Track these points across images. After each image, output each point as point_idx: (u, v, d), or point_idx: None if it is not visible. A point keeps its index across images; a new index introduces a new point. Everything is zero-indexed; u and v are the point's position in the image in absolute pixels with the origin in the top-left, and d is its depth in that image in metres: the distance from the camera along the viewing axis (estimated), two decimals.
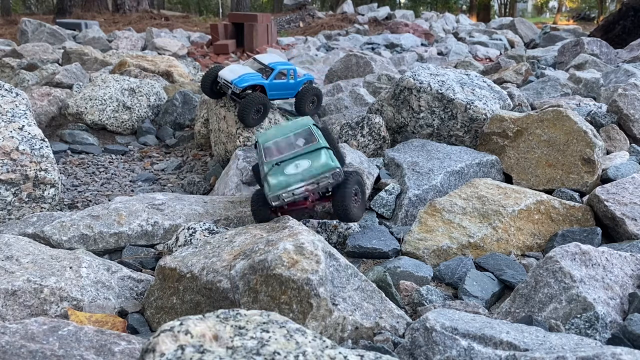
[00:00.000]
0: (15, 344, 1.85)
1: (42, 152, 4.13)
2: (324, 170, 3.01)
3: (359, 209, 3.25)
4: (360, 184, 3.29)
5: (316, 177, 3.01)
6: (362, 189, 3.34)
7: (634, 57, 9.34)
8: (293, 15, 26.05)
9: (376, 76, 7.60)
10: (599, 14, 35.46)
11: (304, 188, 3.03)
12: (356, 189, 3.24)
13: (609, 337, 2.17)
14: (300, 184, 3.03)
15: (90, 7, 25.78)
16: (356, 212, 3.20)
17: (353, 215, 3.18)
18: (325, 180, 3.03)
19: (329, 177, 3.02)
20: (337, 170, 3.02)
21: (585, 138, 4.01)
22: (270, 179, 3.16)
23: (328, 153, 3.13)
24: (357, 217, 3.25)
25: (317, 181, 3.02)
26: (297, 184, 3.03)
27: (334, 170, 3.01)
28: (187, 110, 7.16)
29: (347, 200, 3.10)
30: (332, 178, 3.03)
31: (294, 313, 2.26)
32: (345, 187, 3.12)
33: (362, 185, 3.34)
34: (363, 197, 3.36)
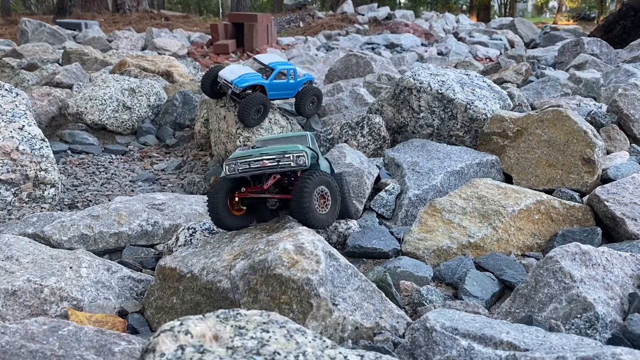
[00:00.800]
0: (15, 344, 1.85)
1: (42, 152, 4.13)
2: (288, 150, 2.81)
3: (324, 213, 2.88)
4: (330, 186, 2.94)
5: (278, 154, 2.80)
6: (335, 195, 2.98)
7: (634, 57, 9.34)
8: (293, 15, 26.06)
9: (376, 76, 7.60)
10: (599, 14, 35.48)
11: (262, 162, 2.82)
12: (322, 190, 2.89)
13: (609, 337, 2.17)
14: (259, 157, 2.83)
15: (90, 7, 25.79)
16: (317, 215, 2.82)
17: (310, 218, 2.78)
18: (286, 160, 2.79)
19: (290, 157, 2.78)
20: (302, 153, 2.78)
21: (585, 138, 4.01)
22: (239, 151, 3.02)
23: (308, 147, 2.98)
24: (318, 222, 2.85)
25: (277, 159, 2.80)
26: (256, 156, 2.83)
27: (298, 153, 2.78)
28: (187, 110, 7.16)
29: (303, 198, 2.75)
30: (294, 161, 2.79)
31: (294, 313, 2.26)
32: (304, 183, 2.78)
33: (334, 190, 2.97)
34: (334, 204, 2.97)
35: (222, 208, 2.95)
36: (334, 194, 2.97)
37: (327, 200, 2.93)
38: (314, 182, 2.80)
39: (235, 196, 3.00)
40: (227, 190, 2.97)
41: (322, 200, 2.90)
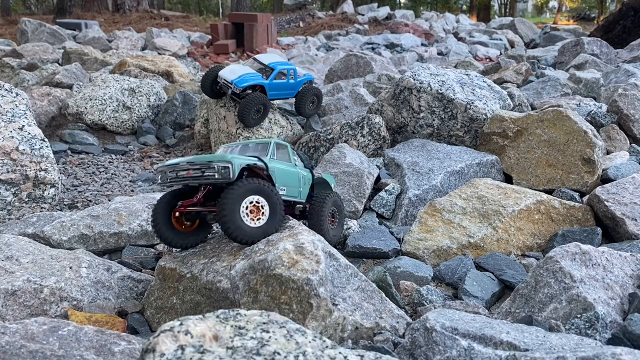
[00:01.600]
0: (15, 344, 1.85)
1: (42, 152, 4.13)
2: (213, 159, 2.60)
3: (256, 227, 2.64)
4: (267, 195, 2.68)
5: (203, 164, 2.60)
6: (274, 204, 2.71)
7: (634, 57, 9.34)
8: (293, 15, 26.06)
9: (376, 76, 7.60)
10: (599, 14, 35.48)
11: (187, 172, 2.64)
12: (254, 200, 2.64)
13: (609, 337, 2.17)
14: (186, 165, 2.65)
15: (90, 7, 25.79)
16: (246, 229, 2.60)
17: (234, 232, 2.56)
18: (210, 171, 2.58)
19: (214, 168, 2.57)
20: (227, 164, 2.56)
21: (585, 138, 4.01)
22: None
23: (249, 158, 2.73)
24: (246, 236, 2.60)
25: (202, 169, 2.60)
26: (183, 164, 2.66)
27: (224, 163, 2.57)
28: (187, 110, 7.16)
29: (223, 212, 2.51)
30: (218, 172, 2.56)
31: (294, 313, 2.26)
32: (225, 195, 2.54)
33: (273, 199, 2.70)
34: (274, 214, 2.70)
35: (163, 225, 2.77)
36: (273, 204, 2.67)
37: (261, 210, 2.64)
38: (238, 193, 2.54)
39: (175, 211, 2.81)
40: (164, 206, 2.79)
41: (255, 211, 2.61)
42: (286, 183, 2.95)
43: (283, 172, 2.92)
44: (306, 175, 3.15)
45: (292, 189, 2.99)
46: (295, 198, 3.03)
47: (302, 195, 3.10)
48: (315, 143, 5.06)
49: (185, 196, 2.85)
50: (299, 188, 3.05)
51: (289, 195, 2.97)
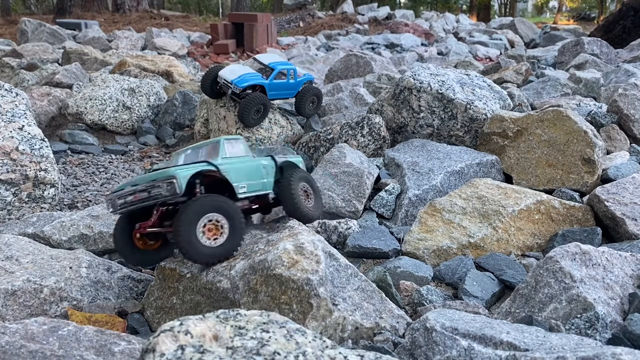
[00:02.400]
0: (15, 344, 1.85)
1: (42, 152, 4.13)
2: (157, 177, 2.44)
3: (215, 246, 2.50)
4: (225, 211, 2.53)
5: (148, 184, 2.45)
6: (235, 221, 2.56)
7: (634, 57, 9.34)
8: (293, 15, 26.06)
9: (376, 76, 7.60)
10: (599, 13, 35.46)
11: (134, 196, 2.50)
12: (212, 218, 2.48)
13: (609, 337, 2.17)
14: (131, 189, 2.51)
15: (90, 7, 25.78)
16: (201, 249, 2.44)
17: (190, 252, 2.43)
18: (156, 190, 2.43)
19: (160, 186, 2.42)
20: (171, 179, 2.40)
21: (585, 138, 4.01)
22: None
23: (197, 165, 2.57)
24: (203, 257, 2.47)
25: (148, 189, 2.45)
26: (128, 188, 2.52)
27: (168, 179, 2.40)
28: (187, 110, 7.16)
29: (178, 231, 2.38)
30: (164, 189, 2.41)
31: (294, 313, 2.26)
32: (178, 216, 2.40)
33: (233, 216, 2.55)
34: (234, 231, 2.56)
35: (125, 247, 2.72)
36: (233, 221, 2.52)
37: (220, 230, 2.50)
38: (193, 212, 2.40)
39: (135, 233, 2.72)
40: (121, 231, 2.72)
41: (213, 230, 2.48)
42: (246, 179, 2.78)
43: (239, 169, 2.75)
44: (268, 164, 2.97)
45: (254, 183, 2.83)
46: (260, 191, 2.86)
47: (268, 185, 2.92)
48: (315, 143, 5.06)
49: (142, 217, 2.71)
50: (261, 180, 2.87)
51: (253, 191, 2.81)
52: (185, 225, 2.37)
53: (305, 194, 3.04)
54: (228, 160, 2.76)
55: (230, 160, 2.77)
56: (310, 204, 3.03)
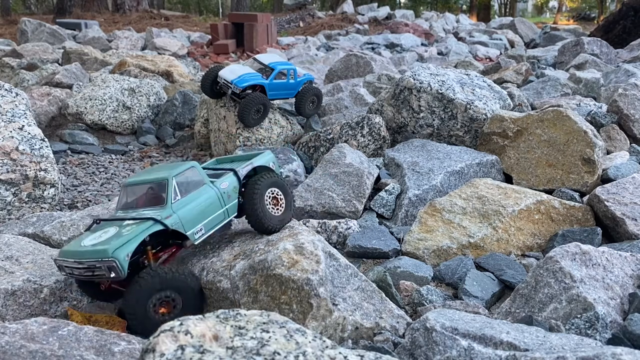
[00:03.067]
0: (15, 344, 1.85)
1: (42, 152, 4.13)
2: (97, 256, 2.25)
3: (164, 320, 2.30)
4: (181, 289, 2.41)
5: (91, 263, 2.28)
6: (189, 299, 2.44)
7: (634, 57, 9.34)
8: (293, 15, 26.06)
9: (376, 76, 7.60)
10: (599, 13, 35.48)
11: (78, 272, 2.34)
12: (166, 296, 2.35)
13: (609, 337, 2.17)
14: (72, 261, 2.34)
15: (90, 7, 25.79)
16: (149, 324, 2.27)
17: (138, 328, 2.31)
18: (99, 271, 2.27)
19: (102, 268, 2.26)
20: (110, 262, 2.22)
21: (585, 138, 4.01)
22: (68, 242, 2.44)
23: (140, 229, 2.34)
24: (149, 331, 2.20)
25: (92, 269, 2.29)
26: (71, 259, 2.34)
27: (108, 262, 2.22)
28: (187, 110, 7.16)
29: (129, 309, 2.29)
30: (107, 271, 2.26)
31: (294, 313, 2.26)
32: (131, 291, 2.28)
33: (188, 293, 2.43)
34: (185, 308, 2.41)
35: (94, 295, 2.65)
36: (187, 297, 2.41)
37: (172, 304, 2.39)
38: (143, 292, 2.29)
39: (104, 287, 2.62)
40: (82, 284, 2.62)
41: (166, 306, 2.37)
42: (202, 219, 2.56)
43: (191, 212, 2.52)
44: (229, 185, 2.73)
45: (212, 219, 2.63)
46: (222, 222, 2.69)
47: (231, 210, 2.74)
48: (315, 143, 5.06)
49: None
50: (221, 209, 2.67)
51: (213, 227, 2.64)
52: (135, 306, 2.27)
53: (275, 200, 2.83)
54: (178, 205, 2.50)
55: (181, 204, 2.51)
56: (279, 211, 2.82)
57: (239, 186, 2.78)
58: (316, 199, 3.84)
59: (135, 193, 2.61)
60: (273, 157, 3.03)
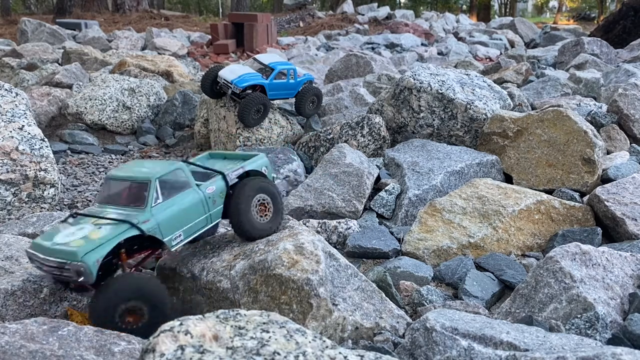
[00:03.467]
0: (15, 344, 1.85)
1: (42, 152, 4.13)
2: (66, 257, 2.17)
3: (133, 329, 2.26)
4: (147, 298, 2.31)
5: (60, 263, 2.19)
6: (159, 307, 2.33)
7: (634, 57, 9.33)
8: (293, 15, 26.05)
9: (376, 76, 7.60)
10: (599, 13, 35.46)
11: (47, 267, 2.27)
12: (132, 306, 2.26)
13: (610, 337, 2.17)
14: (42, 258, 2.26)
15: (90, 7, 25.77)
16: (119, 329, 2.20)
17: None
18: (67, 272, 2.20)
19: (70, 270, 2.18)
20: (79, 266, 2.14)
21: (585, 138, 4.01)
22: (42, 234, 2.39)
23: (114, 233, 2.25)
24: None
25: (60, 268, 2.21)
26: (42, 254, 2.26)
27: (76, 265, 2.14)
28: (187, 110, 7.16)
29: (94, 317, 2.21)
30: (75, 274, 2.17)
31: (294, 313, 2.26)
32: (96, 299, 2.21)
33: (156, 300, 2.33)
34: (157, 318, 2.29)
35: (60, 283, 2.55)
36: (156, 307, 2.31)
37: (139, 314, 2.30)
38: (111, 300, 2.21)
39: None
40: None
41: (134, 315, 2.29)
42: (181, 225, 2.45)
43: (171, 217, 2.41)
44: (215, 190, 2.61)
45: (193, 224, 2.51)
46: (204, 227, 2.58)
47: (215, 215, 2.62)
48: (315, 143, 5.06)
49: None
50: (204, 214, 2.56)
51: (193, 232, 2.53)
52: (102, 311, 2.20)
53: (262, 206, 2.71)
54: (158, 209, 2.38)
55: (160, 208, 2.39)
56: (265, 218, 2.71)
57: (227, 191, 2.65)
58: (316, 199, 3.84)
59: (117, 188, 2.48)
60: (267, 161, 2.90)
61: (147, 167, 2.52)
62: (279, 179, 4.41)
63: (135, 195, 2.41)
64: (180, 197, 2.47)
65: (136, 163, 2.64)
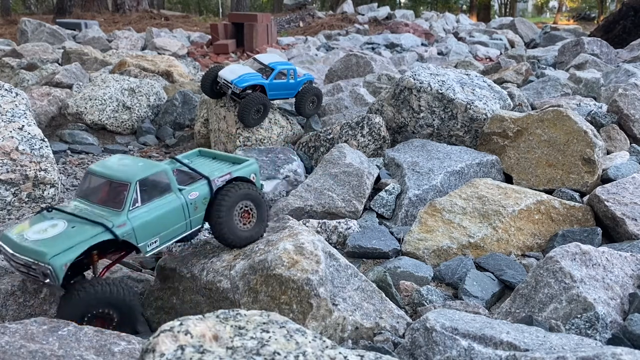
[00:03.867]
0: (15, 344, 1.85)
1: (42, 152, 4.13)
2: (34, 257, 2.11)
3: None
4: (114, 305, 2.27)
5: (28, 261, 2.13)
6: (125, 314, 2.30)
7: (634, 57, 9.34)
8: (293, 15, 26.04)
9: (376, 76, 7.60)
10: (599, 13, 35.47)
11: (14, 262, 2.22)
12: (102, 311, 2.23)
13: (609, 337, 2.17)
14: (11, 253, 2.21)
15: (90, 7, 25.78)
16: None
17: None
18: (34, 272, 2.14)
19: (37, 270, 2.12)
20: (46, 268, 2.07)
21: (585, 138, 4.01)
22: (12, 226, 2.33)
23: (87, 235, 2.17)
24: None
25: (28, 266, 2.15)
26: (10, 250, 2.21)
27: (43, 267, 2.08)
28: (187, 110, 7.16)
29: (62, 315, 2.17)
30: (41, 275, 2.12)
31: (294, 313, 2.26)
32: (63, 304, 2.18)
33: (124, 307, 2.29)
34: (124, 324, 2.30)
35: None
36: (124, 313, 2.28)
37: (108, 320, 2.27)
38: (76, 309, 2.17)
39: None
40: None
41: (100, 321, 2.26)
42: (158, 231, 2.36)
43: (148, 223, 2.32)
44: (199, 196, 2.51)
45: (171, 230, 2.43)
46: (182, 234, 2.50)
47: (194, 222, 2.54)
48: (315, 143, 5.05)
49: None
50: (183, 220, 2.47)
51: (169, 239, 2.45)
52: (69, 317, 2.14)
53: (245, 213, 2.65)
54: (136, 213, 2.29)
55: (138, 212, 2.30)
56: (249, 225, 2.66)
57: (210, 197, 2.56)
58: (316, 199, 3.84)
59: (97, 183, 2.39)
60: (256, 167, 2.81)
61: (129, 167, 2.42)
62: (278, 179, 4.41)
63: (113, 195, 2.31)
64: (160, 201, 2.38)
65: (120, 159, 2.53)
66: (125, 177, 2.32)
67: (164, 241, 2.43)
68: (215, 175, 2.60)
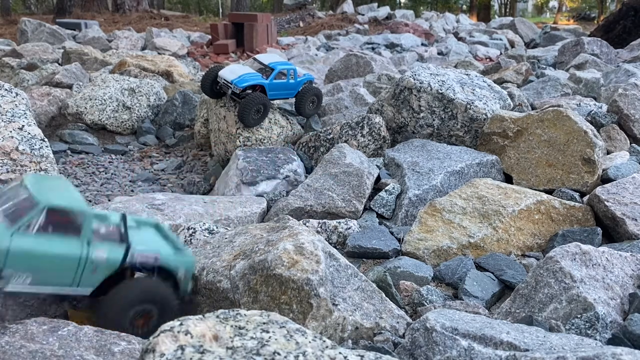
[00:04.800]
0: (15, 344, 1.85)
1: (42, 152, 4.13)
2: None
3: None
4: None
5: None
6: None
7: (634, 57, 9.33)
8: (293, 15, 26.04)
9: (376, 76, 7.60)
10: (599, 13, 35.46)
11: None
12: None
13: (610, 337, 2.17)
14: None
15: (90, 7, 25.76)
16: None
17: None
18: None
19: None
20: None
21: (585, 138, 4.01)
22: None
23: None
24: None
25: None
26: None
27: None
28: (187, 110, 7.16)
29: None
30: None
31: (294, 313, 2.26)
32: None
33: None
34: None
35: None
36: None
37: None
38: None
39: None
40: None
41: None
42: (35, 268, 2.07)
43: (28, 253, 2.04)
44: (105, 260, 2.19)
45: (50, 276, 2.11)
46: (63, 287, 2.17)
47: (85, 283, 2.20)
48: (315, 143, 5.05)
49: None
50: (72, 275, 2.15)
51: (43, 284, 2.11)
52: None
53: (144, 318, 2.28)
54: (22, 239, 2.03)
55: (25, 237, 2.04)
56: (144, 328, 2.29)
57: (119, 268, 2.22)
58: (316, 199, 3.84)
59: (18, 191, 2.17)
60: (193, 266, 2.48)
61: (54, 192, 2.16)
62: (278, 179, 4.41)
63: (16, 211, 2.08)
64: (57, 241, 2.10)
65: (57, 181, 2.32)
66: (37, 199, 2.08)
67: (37, 283, 2.10)
68: (139, 250, 2.29)
